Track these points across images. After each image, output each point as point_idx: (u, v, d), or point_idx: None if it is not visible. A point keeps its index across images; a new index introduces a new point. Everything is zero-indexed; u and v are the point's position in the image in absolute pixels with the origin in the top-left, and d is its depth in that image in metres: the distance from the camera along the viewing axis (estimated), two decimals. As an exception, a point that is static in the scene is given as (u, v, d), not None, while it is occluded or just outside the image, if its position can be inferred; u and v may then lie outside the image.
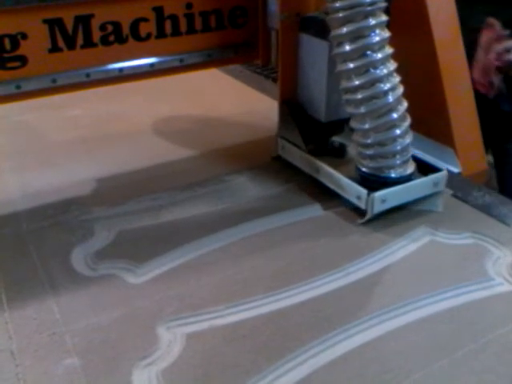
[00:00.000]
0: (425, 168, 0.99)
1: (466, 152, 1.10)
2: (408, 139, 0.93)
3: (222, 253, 0.89)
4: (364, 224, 0.95)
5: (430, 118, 1.08)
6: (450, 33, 1.10)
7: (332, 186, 1.00)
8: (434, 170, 0.98)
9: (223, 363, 0.69)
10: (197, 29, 1.07)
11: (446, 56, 1.07)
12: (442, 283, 0.82)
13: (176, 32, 1.05)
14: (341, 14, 0.88)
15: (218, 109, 1.45)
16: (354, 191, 0.95)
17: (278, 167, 1.14)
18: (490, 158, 1.92)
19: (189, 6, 1.05)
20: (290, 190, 1.07)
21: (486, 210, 0.98)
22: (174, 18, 1.04)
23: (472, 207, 0.99)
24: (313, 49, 1.02)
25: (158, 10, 1.02)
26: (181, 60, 1.08)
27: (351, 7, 0.87)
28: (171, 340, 0.72)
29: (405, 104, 0.92)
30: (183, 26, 1.05)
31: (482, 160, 1.14)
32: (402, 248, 0.89)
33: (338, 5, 0.87)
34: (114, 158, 1.19)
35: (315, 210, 1.00)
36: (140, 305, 0.79)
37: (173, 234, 0.93)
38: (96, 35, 0.98)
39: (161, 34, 1.04)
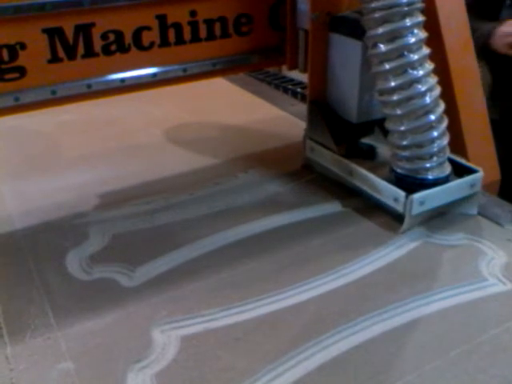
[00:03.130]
0: (458, 169, 0.97)
1: (479, 162, 1.07)
2: (445, 141, 0.92)
3: (215, 256, 0.89)
4: (359, 225, 0.95)
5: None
6: (461, 41, 1.08)
7: (366, 189, 0.98)
8: (468, 170, 0.97)
9: (217, 366, 0.69)
10: (201, 37, 1.05)
11: (457, 65, 1.05)
12: (436, 284, 0.82)
13: (180, 40, 1.03)
14: (377, 15, 0.87)
15: (217, 114, 1.46)
16: (390, 193, 0.93)
17: (275, 171, 1.14)
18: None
19: (193, 13, 1.02)
20: (287, 194, 1.07)
21: (480, 210, 0.98)
22: (177, 26, 1.02)
23: (466, 208, 1.00)
24: (344, 49, 1.00)
25: (162, 18, 1.00)
26: (184, 69, 1.05)
27: (388, 7, 0.86)
28: (166, 343, 0.73)
29: (442, 105, 0.91)
30: (187, 35, 1.03)
31: (495, 170, 1.13)
32: (396, 249, 0.90)
33: (374, 5, 0.87)
34: (108, 162, 1.20)
35: (310, 213, 1.00)
36: (134, 308, 0.79)
37: (167, 238, 0.94)
38: (97, 45, 0.96)
39: (164, 42, 1.01)
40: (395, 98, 0.89)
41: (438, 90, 0.90)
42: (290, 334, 0.74)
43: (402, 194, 0.91)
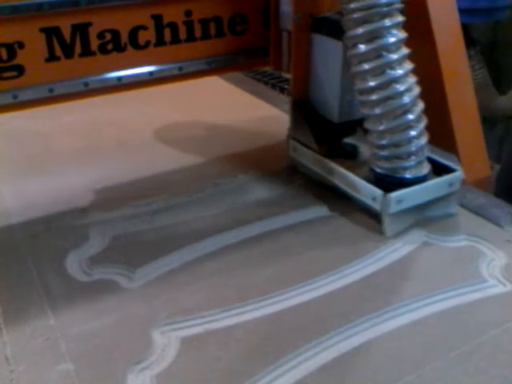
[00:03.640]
0: (439, 169, 0.98)
1: (470, 158, 1.09)
2: (423, 140, 0.93)
3: (216, 257, 0.89)
4: (358, 227, 0.95)
5: (432, 124, 1.07)
6: (452, 40, 1.09)
7: (346, 188, 0.99)
8: (449, 170, 0.97)
9: (218, 367, 0.69)
10: (196, 36, 1.06)
11: (449, 64, 1.06)
12: (436, 285, 0.82)
13: (175, 40, 1.04)
14: (356, 15, 0.87)
15: (216, 115, 1.45)
16: (369, 192, 0.94)
17: (276, 171, 1.14)
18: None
19: (188, 13, 1.03)
20: (286, 194, 1.07)
21: (480, 211, 0.99)
22: (173, 26, 1.03)
23: (465, 209, 1.00)
24: (326, 49, 1.01)
25: (157, 18, 1.01)
26: (180, 68, 1.06)
27: (367, 8, 0.86)
28: (166, 344, 0.73)
29: (421, 105, 0.92)
30: (182, 34, 1.04)
31: (485, 167, 1.14)
32: (396, 251, 0.90)
33: (353, 6, 0.87)
34: (109, 164, 1.20)
35: (311, 214, 1.00)
36: (135, 309, 0.79)
37: (168, 239, 0.94)
38: (94, 44, 0.97)
39: (160, 41, 1.03)
40: (374, 97, 0.90)
41: (416, 90, 0.91)
42: (290, 335, 0.74)
43: (379, 192, 0.92)
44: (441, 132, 1.04)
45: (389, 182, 0.94)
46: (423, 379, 0.67)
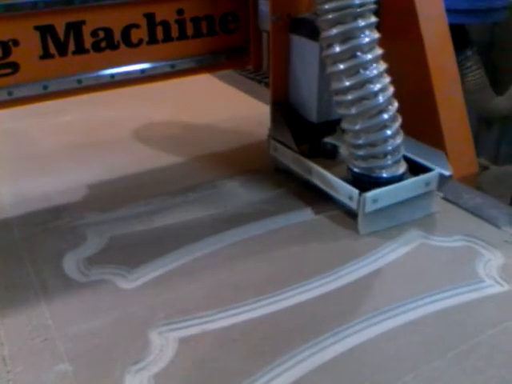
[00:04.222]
0: (417, 168, 0.99)
1: (457, 155, 1.11)
2: (399, 139, 0.94)
3: (213, 257, 0.89)
4: (356, 228, 0.95)
5: (420, 121, 1.09)
6: (440, 37, 1.10)
7: (324, 187, 1.00)
8: (426, 170, 0.98)
9: (215, 367, 0.69)
10: (188, 35, 1.08)
11: (436, 60, 1.08)
12: (433, 285, 0.82)
13: (167, 38, 1.06)
14: (330, 16, 0.88)
15: (211, 114, 1.46)
16: (345, 191, 0.95)
17: (270, 172, 1.14)
18: (483, 160, 1.95)
19: (180, 12, 1.05)
20: (281, 194, 1.07)
21: (477, 212, 0.99)
22: (165, 24, 1.04)
23: (463, 210, 1.00)
24: (304, 50, 1.02)
25: (150, 17, 1.03)
26: (172, 66, 1.08)
27: (341, 9, 0.87)
28: (163, 344, 0.73)
29: (395, 104, 0.93)
30: (174, 32, 1.06)
31: (472, 163, 1.16)
32: (393, 251, 0.90)
33: (327, 7, 0.88)
34: (105, 164, 1.20)
35: (307, 215, 1.00)
36: (132, 310, 0.79)
37: (165, 240, 0.94)
38: (87, 41, 0.99)
39: (152, 40, 1.04)
40: (349, 97, 0.91)
41: (391, 90, 0.92)
42: (287, 335, 0.74)
43: (355, 191, 0.93)
44: (429, 129, 1.05)
45: (365, 182, 0.95)
46: (421, 379, 0.67)
